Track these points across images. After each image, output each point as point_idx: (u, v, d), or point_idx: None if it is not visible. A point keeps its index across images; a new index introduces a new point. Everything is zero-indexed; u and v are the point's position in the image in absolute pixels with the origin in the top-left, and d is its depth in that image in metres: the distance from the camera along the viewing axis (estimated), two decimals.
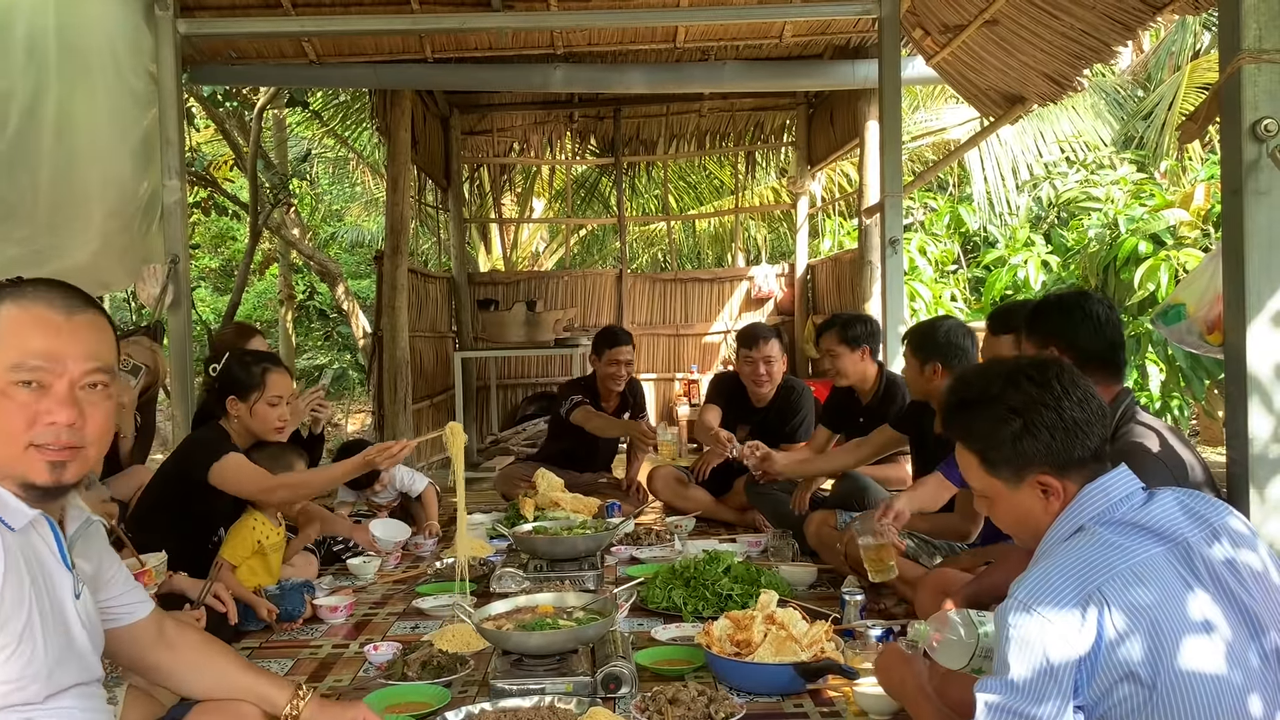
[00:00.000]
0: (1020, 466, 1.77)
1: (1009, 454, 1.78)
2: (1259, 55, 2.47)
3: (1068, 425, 1.73)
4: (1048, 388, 1.76)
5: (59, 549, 1.65)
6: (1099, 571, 1.56)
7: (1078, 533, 1.69)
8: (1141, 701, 1.53)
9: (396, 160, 7.57)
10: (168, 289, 4.97)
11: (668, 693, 2.57)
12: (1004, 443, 1.78)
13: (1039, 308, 2.76)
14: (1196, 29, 10.28)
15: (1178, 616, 1.55)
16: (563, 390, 5.89)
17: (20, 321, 1.60)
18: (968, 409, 1.86)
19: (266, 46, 6.60)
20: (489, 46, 6.97)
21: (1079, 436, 1.73)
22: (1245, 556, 1.66)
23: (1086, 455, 1.74)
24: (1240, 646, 1.58)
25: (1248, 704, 1.55)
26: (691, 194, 13.36)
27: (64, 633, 1.61)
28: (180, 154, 5.14)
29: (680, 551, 4.27)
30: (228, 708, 1.99)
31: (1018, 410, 1.76)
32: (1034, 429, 1.74)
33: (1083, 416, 1.74)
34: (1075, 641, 1.52)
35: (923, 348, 3.79)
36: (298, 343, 15.56)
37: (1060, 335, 2.60)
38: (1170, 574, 1.59)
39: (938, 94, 10.67)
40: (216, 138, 12.77)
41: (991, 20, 5.08)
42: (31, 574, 1.56)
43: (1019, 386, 1.78)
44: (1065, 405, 1.74)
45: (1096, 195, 8.42)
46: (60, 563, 1.64)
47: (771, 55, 7.64)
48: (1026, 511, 1.80)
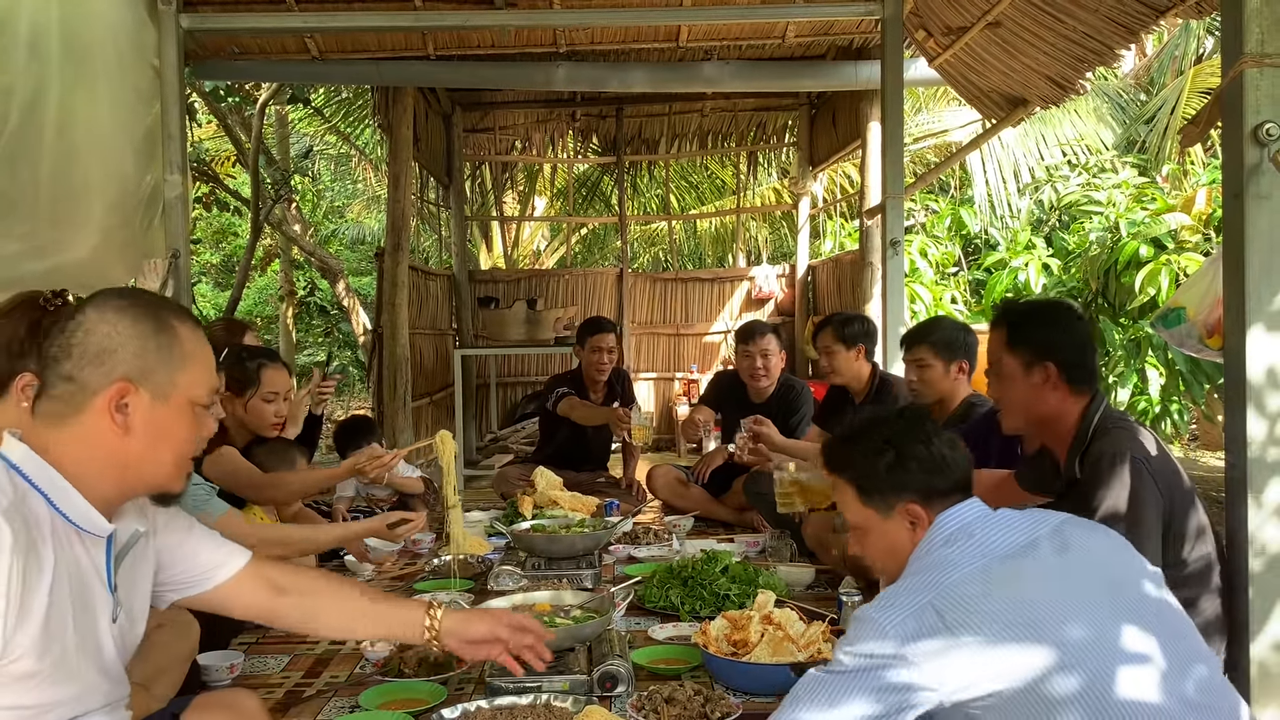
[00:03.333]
0: (891, 496, 1.94)
1: (881, 483, 1.95)
2: (1261, 59, 2.47)
3: (935, 460, 1.91)
4: (920, 426, 1.97)
5: (106, 568, 1.64)
6: (932, 588, 1.68)
7: (926, 558, 1.82)
8: (999, 703, 1.60)
9: (398, 157, 7.56)
10: (168, 284, 4.97)
11: (664, 692, 2.57)
12: (878, 472, 1.95)
13: (1023, 320, 2.71)
14: (1200, 33, 10.29)
15: (1014, 614, 1.63)
16: (549, 383, 5.91)
17: (200, 343, 1.70)
18: (849, 442, 2.05)
19: (269, 42, 6.60)
20: (491, 44, 6.96)
21: (944, 471, 1.92)
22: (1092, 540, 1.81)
23: (950, 488, 1.91)
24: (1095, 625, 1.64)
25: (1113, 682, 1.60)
26: (693, 193, 13.37)
27: (97, 656, 1.60)
28: (182, 149, 5.13)
29: (678, 551, 4.27)
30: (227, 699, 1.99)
31: (891, 442, 1.95)
32: (904, 460, 1.92)
33: (951, 455, 1.93)
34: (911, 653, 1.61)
35: (950, 347, 3.81)
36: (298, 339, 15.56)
37: (1053, 348, 2.58)
38: (1001, 576, 1.69)
39: (940, 96, 10.67)
40: (219, 133, 12.77)
41: (994, 22, 5.08)
42: (75, 595, 1.56)
43: (894, 424, 2.00)
44: (935, 443, 1.93)
45: (1098, 199, 8.42)
46: (104, 584, 1.63)
47: (774, 55, 7.64)
48: (894, 541, 1.95)
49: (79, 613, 1.56)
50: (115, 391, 1.58)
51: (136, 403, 1.60)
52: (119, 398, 1.59)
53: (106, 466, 1.61)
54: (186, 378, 1.65)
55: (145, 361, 1.61)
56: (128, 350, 1.60)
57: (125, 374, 1.59)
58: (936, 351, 3.85)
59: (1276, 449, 2.49)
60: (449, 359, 8.57)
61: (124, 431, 1.60)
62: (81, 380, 1.58)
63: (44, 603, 1.47)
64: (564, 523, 4.17)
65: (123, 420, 1.59)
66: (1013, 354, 2.64)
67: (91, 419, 1.59)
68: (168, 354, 1.63)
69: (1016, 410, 2.68)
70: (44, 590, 1.48)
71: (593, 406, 5.64)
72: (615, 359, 5.74)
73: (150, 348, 1.62)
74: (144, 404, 1.61)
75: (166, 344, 1.63)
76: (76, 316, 1.61)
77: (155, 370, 1.62)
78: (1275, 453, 2.48)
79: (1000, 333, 2.71)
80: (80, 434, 1.59)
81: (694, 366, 9.70)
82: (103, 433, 1.59)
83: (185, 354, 1.65)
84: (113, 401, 1.58)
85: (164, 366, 1.63)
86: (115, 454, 1.61)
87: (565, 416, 5.60)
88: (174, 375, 1.64)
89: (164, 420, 1.64)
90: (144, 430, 1.61)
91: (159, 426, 1.63)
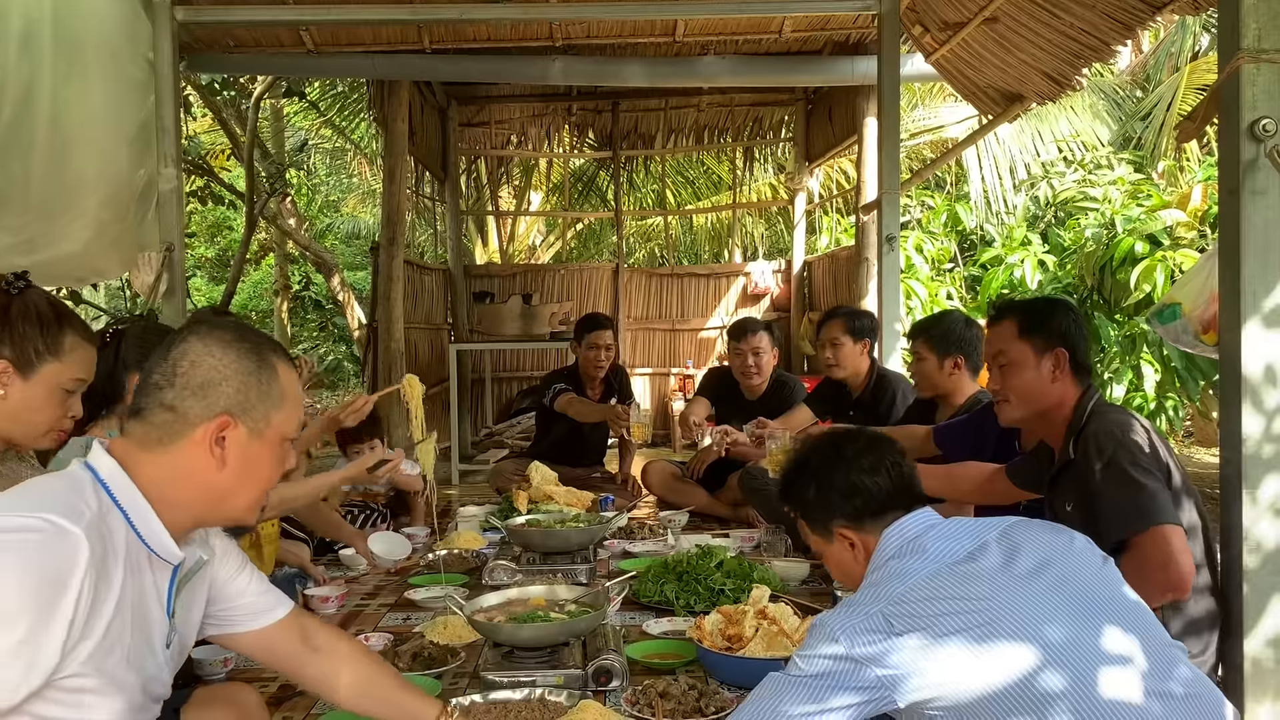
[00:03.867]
0: (824, 523, 2.03)
1: (812, 512, 2.05)
2: (1258, 55, 2.47)
3: (853, 486, 1.96)
4: (838, 454, 2.01)
5: (168, 594, 1.66)
6: (883, 599, 1.71)
7: (878, 570, 1.86)
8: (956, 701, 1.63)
9: (393, 151, 7.55)
10: (162, 278, 4.95)
11: (658, 686, 2.57)
12: (808, 503, 2.05)
13: (1035, 310, 2.77)
14: (1196, 30, 10.29)
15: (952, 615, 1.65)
16: (546, 380, 5.91)
17: (294, 382, 1.74)
18: (788, 474, 2.14)
19: (264, 35, 6.58)
20: (487, 38, 6.95)
21: (863, 497, 1.96)
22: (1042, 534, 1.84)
23: (880, 508, 1.95)
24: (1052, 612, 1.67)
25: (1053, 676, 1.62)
26: (689, 189, 13.36)
27: (144, 678, 1.61)
28: (177, 142, 5.11)
29: (673, 546, 4.27)
30: (227, 693, 1.99)
31: (813, 473, 2.04)
32: (824, 490, 2.01)
33: (870, 481, 1.96)
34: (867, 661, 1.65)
35: (945, 341, 3.81)
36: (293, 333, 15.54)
37: (1065, 335, 2.65)
38: (952, 582, 1.71)
39: (936, 92, 10.66)
40: (214, 127, 12.74)
41: (991, 18, 5.08)
42: (139, 617, 1.57)
43: (820, 453, 2.06)
44: (853, 470, 1.97)
45: (1094, 195, 8.42)
46: (163, 609, 1.65)
47: (771, 50, 7.63)
48: (842, 561, 2.03)
49: (136, 635, 1.56)
50: (217, 425, 1.61)
51: (234, 437, 1.63)
52: (219, 431, 1.62)
53: (194, 496, 1.64)
54: (281, 415, 1.69)
55: (247, 397, 1.64)
56: (231, 385, 1.63)
57: (227, 408, 1.62)
58: (931, 345, 3.85)
59: (1272, 445, 2.49)
60: (444, 354, 8.57)
61: (220, 464, 1.62)
62: (183, 410, 1.60)
63: (106, 622, 1.48)
64: (559, 517, 4.17)
65: (220, 454, 1.62)
66: (1026, 341, 2.70)
67: (188, 448, 1.61)
68: (267, 391, 1.66)
69: (1023, 399, 2.71)
70: (110, 609, 1.49)
71: (591, 404, 5.63)
72: (613, 356, 5.73)
73: (252, 384, 1.64)
74: (241, 439, 1.64)
75: (267, 381, 1.66)
76: (181, 345, 1.63)
77: (255, 406, 1.65)
78: (1270, 449, 2.49)
79: (1011, 323, 2.75)
80: (174, 462, 1.61)
81: (689, 362, 9.70)
82: (198, 463, 1.62)
83: (283, 392, 1.69)
84: (213, 435, 1.61)
85: (263, 403, 1.66)
86: (207, 485, 1.63)
87: (563, 413, 5.59)
88: (270, 412, 1.67)
89: (257, 456, 1.67)
90: (238, 464, 1.64)
91: (251, 461, 1.66)
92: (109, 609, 1.48)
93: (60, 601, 1.39)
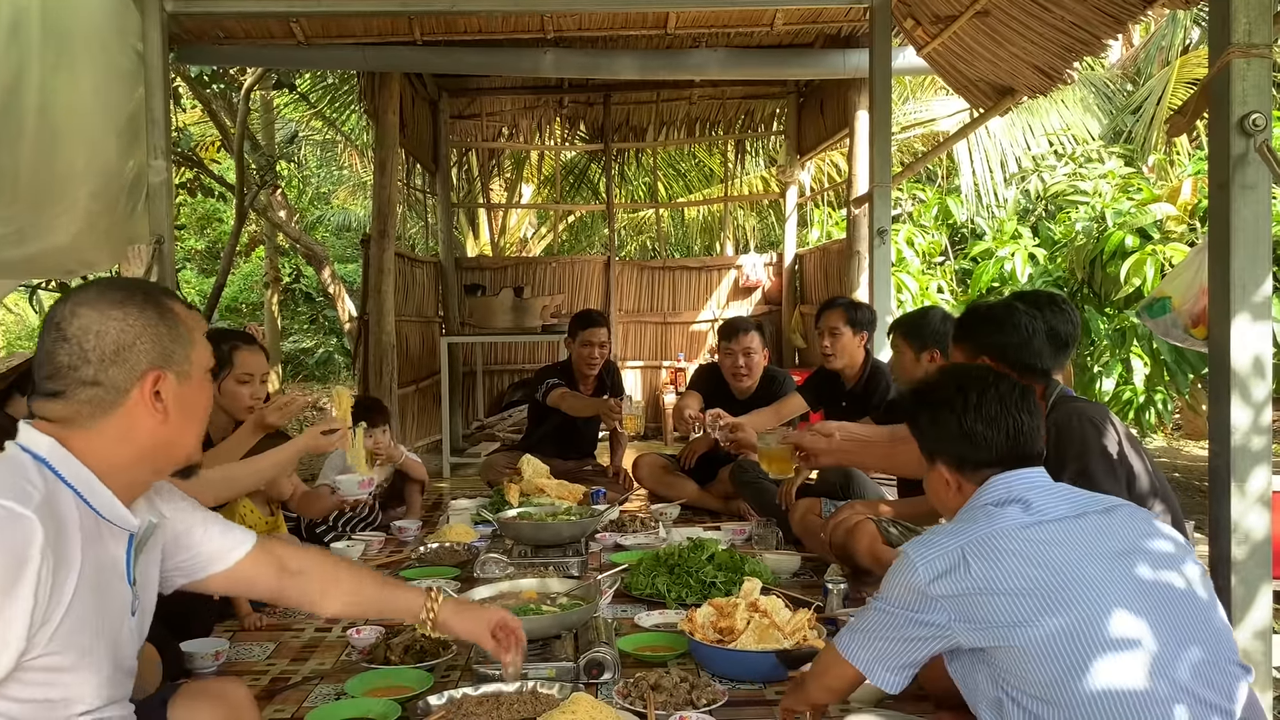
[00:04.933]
0: (928, 453, 2.06)
1: (919, 437, 2.08)
2: (1248, 50, 2.48)
3: (965, 433, 1.95)
4: (960, 396, 1.98)
5: (127, 562, 1.67)
6: (968, 534, 1.80)
7: (972, 510, 1.92)
8: (1023, 647, 1.69)
9: (384, 143, 7.52)
10: (152, 270, 4.93)
11: (650, 679, 2.58)
12: (920, 427, 2.07)
13: (966, 319, 2.88)
14: (1186, 24, 10.32)
15: (1046, 574, 1.72)
16: (539, 375, 5.89)
17: (192, 314, 1.77)
18: (913, 392, 2.17)
19: (254, 27, 6.54)
20: (479, 30, 6.92)
21: (971, 446, 1.95)
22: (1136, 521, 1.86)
23: (982, 462, 1.95)
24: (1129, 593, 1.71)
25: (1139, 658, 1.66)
26: (680, 182, 13.35)
27: (115, 650, 1.62)
28: (166, 134, 5.09)
29: (665, 539, 4.28)
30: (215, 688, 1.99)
31: (931, 404, 2.04)
32: (936, 424, 2.01)
33: (983, 431, 1.94)
34: (935, 588, 1.77)
35: (919, 335, 3.82)
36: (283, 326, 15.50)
37: (992, 347, 2.73)
38: (1041, 537, 1.77)
39: (927, 85, 10.68)
40: (203, 119, 12.67)
41: (983, 11, 5.08)
42: (100, 588, 1.58)
43: (942, 386, 2.05)
44: (968, 417, 1.95)
45: (1084, 189, 8.44)
46: (124, 578, 1.66)
47: (762, 43, 7.62)
48: (936, 488, 2.07)
49: (103, 607, 1.58)
50: (151, 382, 1.63)
51: (167, 388, 1.65)
52: (154, 386, 1.64)
53: (142, 454, 1.66)
54: (196, 352, 1.72)
55: (162, 346, 1.65)
56: (146, 341, 1.63)
57: (151, 363, 1.64)
58: (907, 340, 3.88)
59: (1260, 438, 2.50)
60: (435, 346, 8.55)
61: (163, 417, 1.65)
62: (109, 381, 1.61)
63: (69, 599, 1.49)
64: (550, 510, 4.17)
65: (161, 407, 1.65)
66: (959, 351, 2.83)
67: (127, 414, 1.63)
68: (176, 334, 1.68)
69: None
70: (71, 586, 1.50)
71: (583, 397, 5.63)
72: (606, 353, 5.73)
73: (163, 332, 1.66)
74: (173, 387, 1.67)
75: (173, 324, 1.68)
76: (73, 322, 1.60)
77: (175, 352, 1.67)
78: (1259, 441, 2.50)
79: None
80: (115, 430, 1.62)
81: (681, 355, 9.70)
82: (141, 423, 1.64)
83: (189, 329, 1.71)
84: (149, 392, 1.63)
85: (180, 346, 1.68)
86: (153, 440, 1.66)
87: (555, 407, 5.59)
88: (188, 351, 1.70)
89: (191, 397, 1.71)
90: (177, 412, 1.67)
91: (188, 404, 1.70)
92: (70, 587, 1.49)
93: (19, 585, 1.41)
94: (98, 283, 1.71)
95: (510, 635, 2.21)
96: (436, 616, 2.13)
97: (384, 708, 2.51)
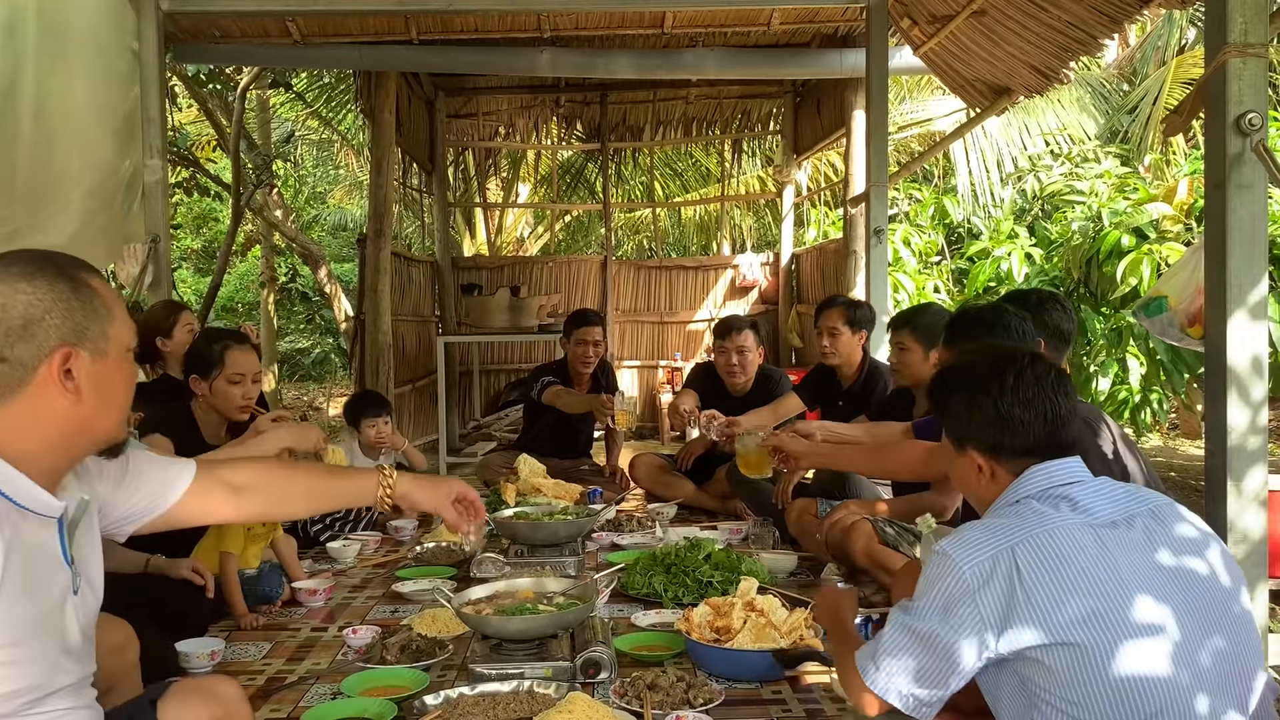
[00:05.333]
0: (959, 437, 1.94)
1: (951, 423, 1.96)
2: (1244, 49, 2.48)
3: (1001, 417, 1.85)
4: (997, 377, 1.87)
5: (60, 542, 1.60)
6: (1015, 534, 1.68)
7: (1014, 505, 1.81)
8: (1064, 663, 1.60)
9: (380, 143, 7.52)
10: (148, 269, 4.93)
11: (647, 678, 2.58)
12: (950, 411, 1.95)
13: (957, 321, 2.87)
14: (1183, 24, 10.33)
15: (1096, 581, 1.63)
16: (534, 373, 5.90)
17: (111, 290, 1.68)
18: (943, 373, 2.07)
19: (250, 26, 6.54)
20: (475, 29, 6.92)
21: (1009, 431, 1.84)
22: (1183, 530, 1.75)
23: (1018, 449, 1.85)
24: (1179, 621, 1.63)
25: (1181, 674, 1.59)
26: (677, 181, 13.35)
27: (60, 636, 1.57)
28: (162, 133, 5.09)
29: (661, 538, 4.28)
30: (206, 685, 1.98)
31: (964, 386, 1.92)
32: (970, 408, 1.89)
33: (1020, 415, 1.84)
34: (981, 594, 1.64)
35: (930, 334, 3.83)
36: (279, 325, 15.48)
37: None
38: (1090, 541, 1.67)
39: (924, 85, 10.68)
40: (200, 118, 12.67)
41: (979, 11, 5.08)
42: (32, 577, 1.52)
43: (976, 368, 1.94)
44: (1005, 400, 1.85)
45: (1080, 189, 8.45)
46: (61, 560, 1.60)
47: (759, 43, 7.63)
48: (965, 477, 1.96)
49: (38, 594, 1.52)
50: (60, 359, 1.53)
51: (79, 366, 1.55)
52: (63, 364, 1.54)
53: (57, 437, 1.57)
54: (115, 328, 1.61)
55: (75, 321, 1.55)
56: (55, 315, 1.54)
57: (61, 339, 1.54)
58: (916, 336, 3.87)
59: (1256, 437, 2.51)
60: (432, 346, 8.55)
61: (76, 397, 1.55)
62: (15, 358, 1.51)
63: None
64: (547, 510, 4.16)
65: (73, 385, 1.55)
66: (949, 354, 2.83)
67: (35, 393, 1.53)
68: (93, 309, 1.58)
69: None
70: None
71: (577, 394, 5.64)
72: (601, 352, 5.74)
73: (75, 307, 1.56)
74: (86, 364, 1.56)
75: (87, 299, 1.58)
76: None
77: (88, 328, 1.57)
78: (1255, 441, 2.50)
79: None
80: (25, 411, 1.53)
81: (677, 354, 9.70)
82: (51, 404, 1.54)
83: (106, 304, 1.61)
84: (58, 370, 1.53)
85: (94, 322, 1.58)
86: (66, 421, 1.57)
87: (550, 405, 5.60)
88: (104, 328, 1.59)
89: (108, 376, 1.60)
90: (92, 390, 1.57)
91: (104, 383, 1.60)
92: None
93: None
94: (6, 255, 1.61)
95: (470, 506, 2.25)
96: (394, 490, 2.14)
97: (380, 707, 2.50)
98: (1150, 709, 1.57)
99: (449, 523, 2.26)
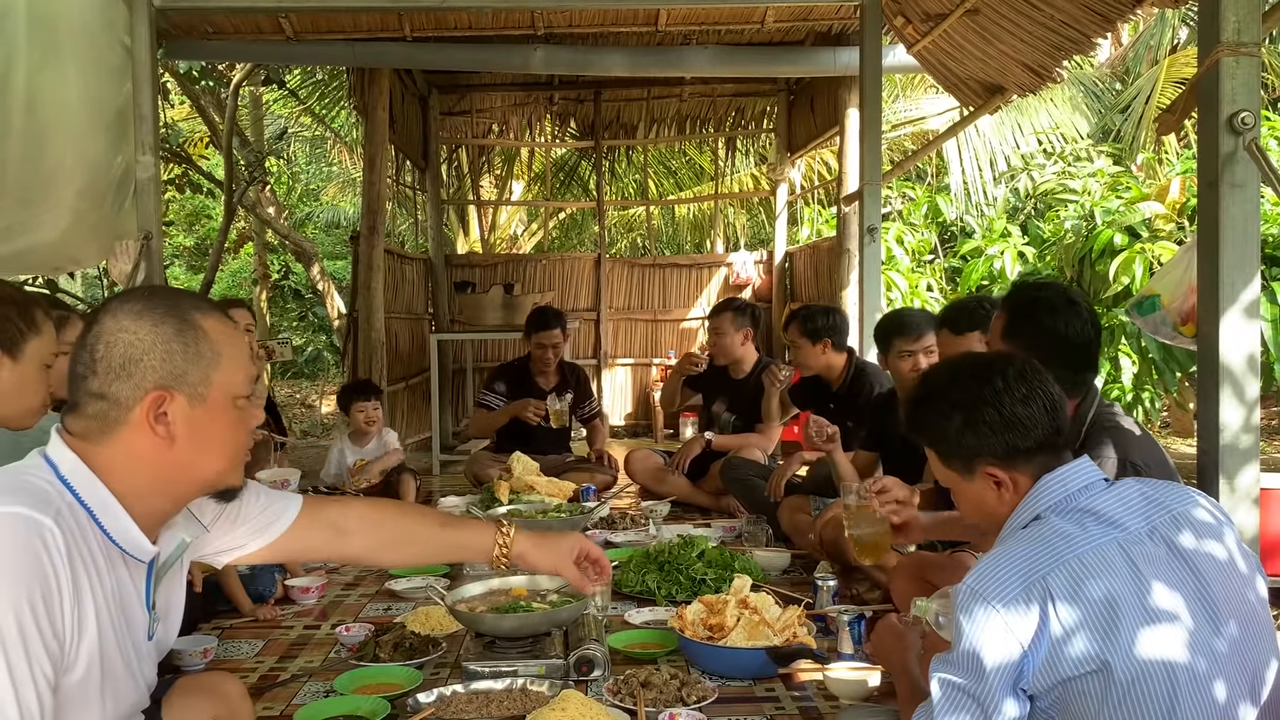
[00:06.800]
0: (968, 459, 1.86)
1: (955, 447, 1.86)
2: (1237, 48, 2.49)
3: (1007, 421, 1.79)
4: (988, 384, 1.82)
5: (146, 588, 1.58)
6: (1045, 562, 1.61)
7: (1034, 521, 1.75)
8: (1098, 691, 1.55)
9: (373, 140, 7.50)
10: (140, 266, 4.90)
11: (640, 676, 2.58)
12: (949, 437, 1.86)
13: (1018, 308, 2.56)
14: (1175, 23, 10.36)
15: (1129, 604, 1.57)
16: (490, 378, 6.00)
17: (228, 334, 1.59)
18: (919, 405, 1.95)
19: (243, 22, 6.52)
20: (469, 26, 6.91)
21: (1020, 431, 1.79)
22: (1209, 546, 1.68)
23: (1032, 448, 1.80)
24: (1203, 634, 1.59)
25: (1211, 691, 1.56)
26: (671, 179, 13.35)
27: (134, 681, 1.56)
28: (154, 129, 5.06)
29: (655, 536, 4.28)
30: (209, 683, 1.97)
31: (958, 405, 1.84)
32: (973, 424, 1.82)
33: (1025, 413, 1.79)
34: (1019, 630, 1.57)
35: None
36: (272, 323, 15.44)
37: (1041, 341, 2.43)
38: (1121, 562, 1.61)
39: (917, 83, 10.69)
40: (192, 114, 12.63)
41: (973, 9, 5.08)
42: (116, 617, 1.50)
43: (959, 383, 1.87)
44: (1005, 402, 1.80)
45: (1073, 187, 8.47)
46: (142, 603, 1.58)
47: (753, 41, 7.63)
48: (982, 500, 1.87)
49: (121, 633, 1.51)
50: (151, 402, 1.50)
51: (175, 410, 1.51)
52: (156, 408, 1.50)
53: (155, 479, 1.54)
54: (220, 374, 1.56)
55: (174, 365, 1.51)
56: (154, 357, 1.50)
57: (157, 382, 1.50)
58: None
59: (1249, 435, 2.51)
60: (425, 343, 8.53)
61: (169, 441, 1.52)
62: (113, 396, 1.49)
63: (93, 619, 1.42)
64: (540, 508, 4.17)
65: (165, 430, 1.51)
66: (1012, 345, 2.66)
67: (131, 433, 1.51)
68: (197, 352, 1.53)
69: None
70: (92, 607, 1.43)
71: (494, 413, 5.74)
72: (560, 354, 5.80)
73: (176, 350, 1.52)
74: (183, 409, 1.52)
75: (193, 342, 1.53)
76: (94, 328, 1.51)
77: (187, 372, 1.52)
78: (1247, 439, 2.51)
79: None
80: (122, 450, 1.51)
81: (671, 352, 9.69)
82: (145, 446, 1.51)
83: (214, 349, 1.55)
84: (149, 413, 1.50)
85: (195, 366, 1.53)
86: (162, 464, 1.53)
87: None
88: (207, 373, 1.54)
89: (206, 422, 1.55)
90: (188, 436, 1.53)
91: (203, 429, 1.55)
92: (91, 607, 1.42)
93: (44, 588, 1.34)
94: (128, 292, 1.60)
95: (595, 565, 2.13)
96: (510, 552, 2.03)
97: (373, 705, 2.50)
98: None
99: (573, 583, 2.12)
